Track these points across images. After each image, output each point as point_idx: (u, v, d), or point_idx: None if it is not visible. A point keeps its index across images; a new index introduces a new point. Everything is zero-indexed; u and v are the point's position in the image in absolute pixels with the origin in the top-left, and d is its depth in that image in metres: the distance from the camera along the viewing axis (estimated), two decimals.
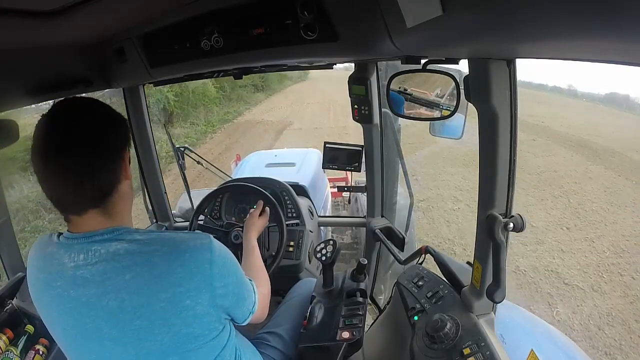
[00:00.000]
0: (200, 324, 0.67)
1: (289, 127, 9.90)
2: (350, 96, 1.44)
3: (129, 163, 0.72)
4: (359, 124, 1.53)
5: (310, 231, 1.69)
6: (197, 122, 9.67)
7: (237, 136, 9.12)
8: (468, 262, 1.03)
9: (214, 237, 0.71)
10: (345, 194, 4.10)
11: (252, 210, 1.30)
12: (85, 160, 0.63)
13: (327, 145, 1.58)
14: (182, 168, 1.85)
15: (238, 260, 0.76)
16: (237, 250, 1.33)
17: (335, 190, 3.48)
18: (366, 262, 1.22)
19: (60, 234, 0.69)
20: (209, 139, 8.93)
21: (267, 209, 1.32)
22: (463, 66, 0.78)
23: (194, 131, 9.09)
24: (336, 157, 1.57)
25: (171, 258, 0.64)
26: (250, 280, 0.83)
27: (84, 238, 0.65)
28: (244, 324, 0.81)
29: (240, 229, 1.35)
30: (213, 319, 0.69)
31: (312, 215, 1.81)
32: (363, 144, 1.56)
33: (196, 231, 0.72)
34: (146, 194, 1.78)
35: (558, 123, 10.00)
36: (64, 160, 0.62)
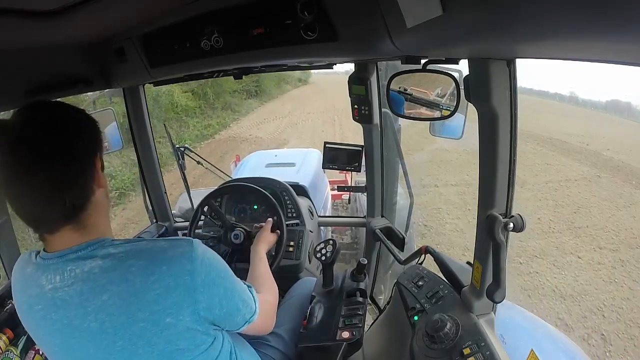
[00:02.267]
0: (185, 340, 0.63)
1: (283, 148, 7.99)
2: (350, 96, 1.44)
3: (102, 169, 0.67)
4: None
5: (310, 231, 1.69)
6: (164, 140, 6.89)
7: (211, 162, 6.68)
8: (468, 262, 1.03)
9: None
10: (345, 197, 4.11)
11: (265, 223, 1.28)
12: (54, 175, 0.58)
13: (327, 145, 1.59)
14: (182, 168, 1.85)
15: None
16: (237, 250, 1.34)
17: (336, 191, 3.48)
18: (366, 262, 1.22)
19: (38, 252, 0.66)
20: (174, 167, 4.94)
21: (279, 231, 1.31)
22: (463, 66, 0.78)
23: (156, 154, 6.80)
24: (336, 157, 1.57)
25: (147, 273, 0.60)
26: (249, 287, 0.78)
27: (58, 258, 0.62)
28: (238, 331, 0.77)
29: (241, 229, 1.35)
30: (199, 333, 0.65)
31: (312, 215, 1.81)
32: (363, 144, 1.56)
33: (181, 237, 0.67)
34: (146, 194, 1.78)
35: (602, 145, 8.70)
36: (32, 177, 0.57)
